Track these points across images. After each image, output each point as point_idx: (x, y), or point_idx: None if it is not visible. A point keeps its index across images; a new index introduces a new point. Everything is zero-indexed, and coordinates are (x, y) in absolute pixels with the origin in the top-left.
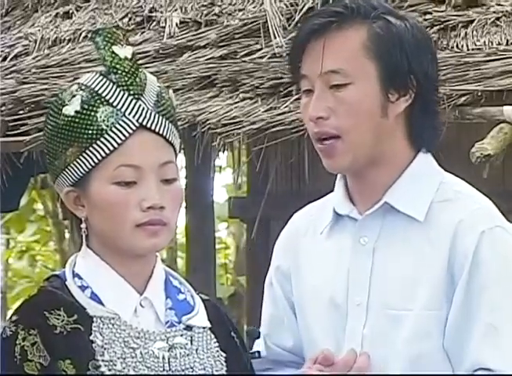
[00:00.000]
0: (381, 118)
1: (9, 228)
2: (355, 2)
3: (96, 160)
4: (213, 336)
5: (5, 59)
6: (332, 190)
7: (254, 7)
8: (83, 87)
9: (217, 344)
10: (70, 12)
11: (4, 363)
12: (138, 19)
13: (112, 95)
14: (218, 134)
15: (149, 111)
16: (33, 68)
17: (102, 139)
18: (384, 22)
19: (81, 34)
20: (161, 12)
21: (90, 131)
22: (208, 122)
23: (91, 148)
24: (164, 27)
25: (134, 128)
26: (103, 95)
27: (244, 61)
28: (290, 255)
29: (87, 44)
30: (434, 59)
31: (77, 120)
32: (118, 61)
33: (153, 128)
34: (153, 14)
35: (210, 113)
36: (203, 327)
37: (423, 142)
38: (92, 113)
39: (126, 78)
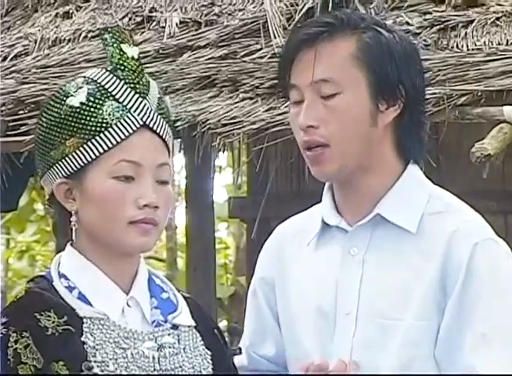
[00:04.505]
0: (370, 127)
1: (9, 228)
2: (345, 13)
3: (97, 153)
4: (198, 334)
5: (5, 59)
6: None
7: (254, 7)
8: (89, 80)
9: (202, 342)
10: (70, 12)
11: None
12: (138, 19)
13: (118, 91)
14: (218, 134)
15: (152, 111)
16: (33, 68)
17: (106, 133)
18: (374, 32)
19: (81, 34)
20: (161, 12)
21: (94, 124)
22: (208, 122)
23: (93, 140)
24: (164, 27)
25: (138, 125)
26: (110, 90)
27: (244, 61)
28: (275, 266)
29: (87, 44)
30: (422, 72)
31: (81, 111)
32: (126, 59)
33: (154, 128)
34: (153, 14)
35: (210, 113)
36: (189, 326)
37: (410, 153)
38: (98, 107)
39: (133, 76)
